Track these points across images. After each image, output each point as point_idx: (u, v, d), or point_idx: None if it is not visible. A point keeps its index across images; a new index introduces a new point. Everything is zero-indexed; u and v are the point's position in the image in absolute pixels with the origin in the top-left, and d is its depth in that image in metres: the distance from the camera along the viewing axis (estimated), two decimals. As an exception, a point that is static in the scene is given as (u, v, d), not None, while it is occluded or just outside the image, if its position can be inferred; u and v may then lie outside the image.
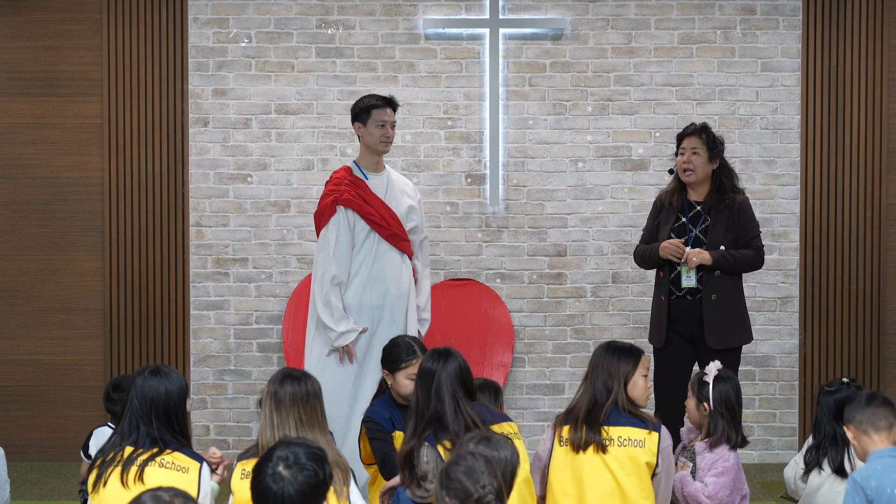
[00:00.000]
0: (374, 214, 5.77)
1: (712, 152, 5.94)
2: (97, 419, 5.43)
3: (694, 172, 5.92)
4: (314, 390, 4.18)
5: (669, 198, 6.03)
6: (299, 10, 7.40)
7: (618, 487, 4.48)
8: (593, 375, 4.61)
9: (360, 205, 5.77)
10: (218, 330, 7.41)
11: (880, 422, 4.10)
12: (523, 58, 7.39)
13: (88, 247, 7.43)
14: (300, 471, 3.21)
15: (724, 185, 5.98)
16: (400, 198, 5.91)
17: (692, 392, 4.97)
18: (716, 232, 5.92)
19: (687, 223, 5.97)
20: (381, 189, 5.88)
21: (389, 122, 5.83)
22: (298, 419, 4.12)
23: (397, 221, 5.84)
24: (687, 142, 5.96)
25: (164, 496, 2.90)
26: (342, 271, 5.76)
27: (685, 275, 5.88)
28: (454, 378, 4.30)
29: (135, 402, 4.09)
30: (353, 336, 5.72)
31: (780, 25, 7.38)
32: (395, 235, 5.83)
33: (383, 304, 5.81)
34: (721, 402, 4.85)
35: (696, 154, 5.93)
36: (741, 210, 5.97)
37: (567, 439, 4.55)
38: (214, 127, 7.40)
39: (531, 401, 7.42)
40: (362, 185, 5.84)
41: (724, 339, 5.88)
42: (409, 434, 4.33)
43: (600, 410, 4.52)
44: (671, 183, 6.10)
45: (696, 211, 5.98)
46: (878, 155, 7.37)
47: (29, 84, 7.41)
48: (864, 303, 7.38)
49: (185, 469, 4.04)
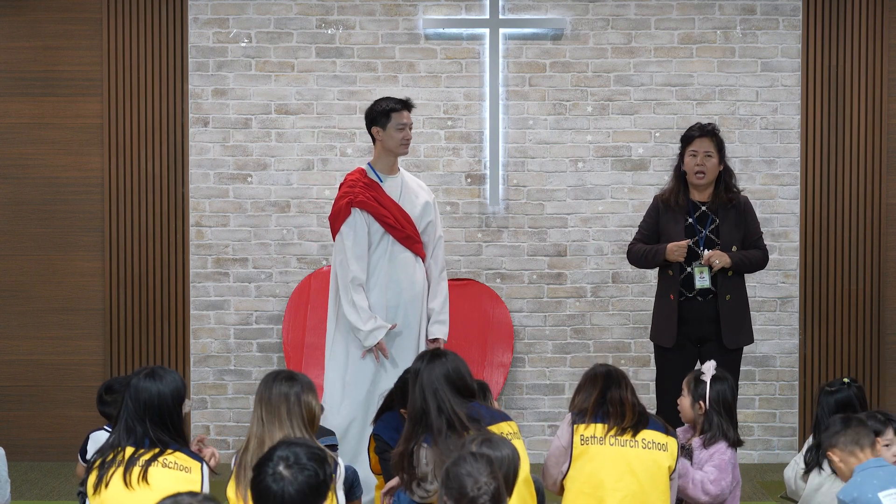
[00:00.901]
0: (388, 217, 5.82)
1: (722, 154, 5.93)
2: (97, 419, 5.42)
3: (706, 175, 5.89)
4: (292, 392, 4.18)
5: (674, 198, 5.97)
6: (299, 10, 7.40)
7: (641, 491, 4.46)
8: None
9: (374, 207, 5.81)
10: (218, 330, 7.41)
11: (864, 440, 4.17)
12: (523, 58, 7.39)
13: (88, 247, 7.43)
14: (301, 471, 3.21)
15: (729, 185, 5.97)
16: (414, 199, 5.96)
17: (687, 390, 4.98)
18: (728, 232, 5.91)
19: (694, 224, 5.94)
20: (396, 191, 5.93)
21: (408, 125, 5.90)
22: (260, 417, 4.14)
23: (411, 224, 5.90)
24: (699, 144, 5.90)
25: (187, 500, 2.90)
26: (361, 271, 5.81)
27: (699, 276, 5.84)
28: (439, 377, 4.31)
29: (129, 404, 4.10)
30: (383, 333, 5.77)
31: (780, 25, 7.38)
32: (409, 238, 5.89)
33: (398, 305, 5.87)
34: (718, 401, 4.88)
35: (710, 157, 5.89)
36: (746, 210, 5.98)
37: (588, 437, 4.53)
38: (214, 127, 7.40)
39: (531, 401, 7.41)
40: (377, 187, 5.89)
41: (737, 340, 5.92)
42: (404, 436, 4.34)
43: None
44: (672, 182, 6.05)
45: (701, 211, 5.96)
46: (878, 155, 7.37)
47: (29, 84, 7.41)
48: (864, 303, 7.38)
49: (188, 469, 4.05)
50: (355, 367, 5.84)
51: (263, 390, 4.19)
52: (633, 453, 4.47)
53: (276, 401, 4.15)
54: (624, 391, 4.61)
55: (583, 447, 4.51)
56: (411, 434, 4.29)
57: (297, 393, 4.17)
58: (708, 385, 4.90)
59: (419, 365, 4.39)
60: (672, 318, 5.89)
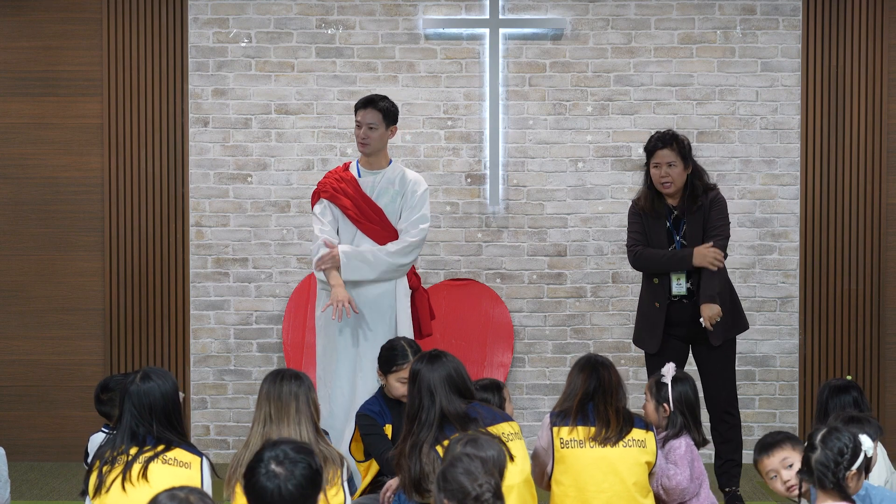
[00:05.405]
0: (349, 209, 5.94)
1: (686, 161, 5.94)
2: (97, 419, 5.42)
3: (673, 184, 5.92)
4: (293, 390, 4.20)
5: (650, 205, 6.00)
6: (299, 10, 7.40)
7: (625, 489, 4.48)
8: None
9: (337, 198, 5.96)
10: (218, 330, 7.41)
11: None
12: (523, 58, 7.39)
13: (88, 247, 7.43)
14: (294, 465, 3.21)
15: (697, 188, 5.97)
16: (385, 193, 6.02)
17: (650, 395, 5.00)
18: (692, 235, 5.95)
19: (671, 228, 5.98)
20: (370, 187, 6.01)
21: (362, 123, 5.95)
22: (269, 415, 4.17)
23: (380, 216, 5.97)
24: (659, 155, 5.91)
25: (178, 494, 2.92)
26: (328, 232, 5.96)
27: (675, 282, 5.93)
28: (440, 377, 4.32)
29: (133, 411, 4.09)
30: (322, 248, 5.88)
31: (780, 25, 7.38)
32: (374, 230, 5.96)
33: (361, 291, 5.94)
34: (681, 401, 4.91)
35: (673, 166, 5.91)
36: (711, 205, 5.98)
37: (568, 441, 4.55)
38: (214, 127, 7.40)
39: (531, 401, 7.41)
40: (350, 181, 6.00)
41: (723, 336, 5.96)
42: (403, 435, 4.35)
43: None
44: (644, 190, 6.06)
45: (675, 216, 6.00)
46: (878, 155, 7.36)
47: (29, 84, 7.41)
48: (864, 303, 7.38)
49: (187, 465, 4.05)
50: (332, 358, 5.95)
51: (271, 388, 4.20)
52: (615, 453, 4.50)
53: (286, 399, 4.16)
54: (611, 400, 4.60)
55: (563, 451, 4.53)
56: (409, 433, 4.30)
57: (306, 392, 4.19)
58: (669, 387, 4.92)
59: (419, 365, 4.40)
60: (658, 326, 5.94)
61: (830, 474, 3.55)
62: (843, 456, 3.56)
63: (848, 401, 4.78)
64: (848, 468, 3.57)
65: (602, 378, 4.65)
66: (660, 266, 5.98)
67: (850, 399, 4.79)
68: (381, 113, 5.92)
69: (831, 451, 3.57)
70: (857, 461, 3.59)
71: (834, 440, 3.59)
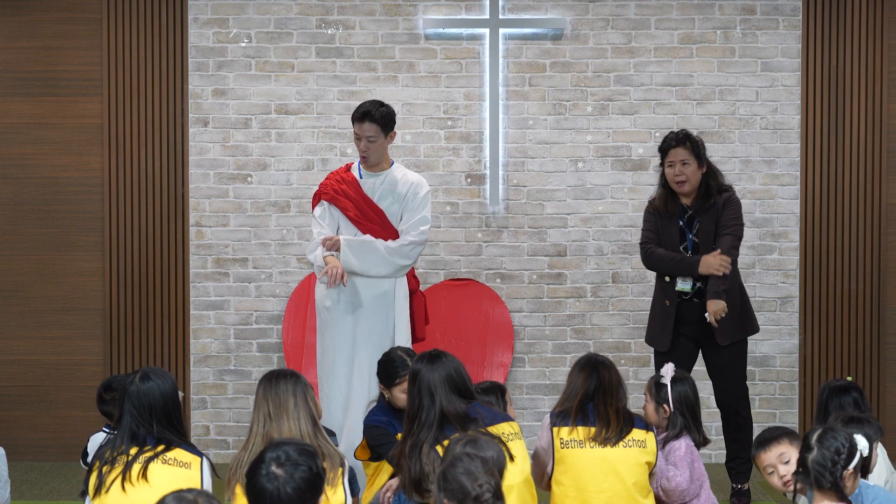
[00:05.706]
0: (349, 210, 5.98)
1: (700, 159, 5.97)
2: (97, 419, 5.43)
3: (688, 182, 5.97)
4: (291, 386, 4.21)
5: (664, 205, 6.04)
6: (299, 10, 7.40)
7: (625, 490, 4.48)
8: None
9: (338, 200, 6.01)
10: (218, 330, 7.41)
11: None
12: (523, 58, 7.39)
13: (88, 247, 7.43)
14: (295, 468, 3.21)
15: (711, 188, 6.02)
16: (387, 196, 6.04)
17: (649, 396, 5.00)
18: (705, 236, 5.98)
19: (684, 227, 6.00)
20: (371, 188, 6.03)
21: (362, 136, 5.95)
22: (267, 414, 4.17)
23: (381, 217, 5.99)
24: (673, 154, 5.98)
25: (187, 496, 2.91)
26: (327, 234, 6.00)
27: (680, 280, 5.96)
28: (440, 377, 4.32)
29: (133, 411, 4.09)
30: (321, 248, 5.93)
31: (780, 25, 7.38)
32: (374, 231, 5.98)
33: (359, 290, 5.97)
34: (681, 401, 4.90)
35: (687, 164, 5.95)
36: (724, 205, 6.02)
37: (568, 441, 4.55)
38: (214, 127, 7.40)
39: (531, 401, 7.41)
40: (352, 182, 6.03)
41: (731, 335, 5.98)
42: (403, 436, 4.35)
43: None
44: (659, 189, 6.11)
45: (689, 215, 6.03)
46: (878, 155, 7.36)
47: (29, 84, 7.41)
48: (864, 303, 7.38)
49: (187, 465, 4.05)
50: (332, 360, 5.97)
51: (267, 388, 4.20)
52: (615, 454, 4.49)
53: (283, 395, 4.17)
54: (611, 400, 4.60)
55: (563, 451, 4.53)
56: (409, 433, 4.30)
57: (303, 388, 4.19)
58: (669, 387, 4.91)
59: (419, 365, 4.40)
60: (668, 324, 5.99)
61: (828, 474, 3.56)
62: (839, 455, 3.58)
63: (848, 401, 4.77)
64: (845, 468, 3.58)
65: (602, 378, 4.65)
66: (667, 268, 6.03)
67: (850, 399, 4.78)
68: (378, 124, 5.93)
69: (828, 451, 3.58)
70: (854, 461, 3.60)
71: (830, 440, 3.60)
